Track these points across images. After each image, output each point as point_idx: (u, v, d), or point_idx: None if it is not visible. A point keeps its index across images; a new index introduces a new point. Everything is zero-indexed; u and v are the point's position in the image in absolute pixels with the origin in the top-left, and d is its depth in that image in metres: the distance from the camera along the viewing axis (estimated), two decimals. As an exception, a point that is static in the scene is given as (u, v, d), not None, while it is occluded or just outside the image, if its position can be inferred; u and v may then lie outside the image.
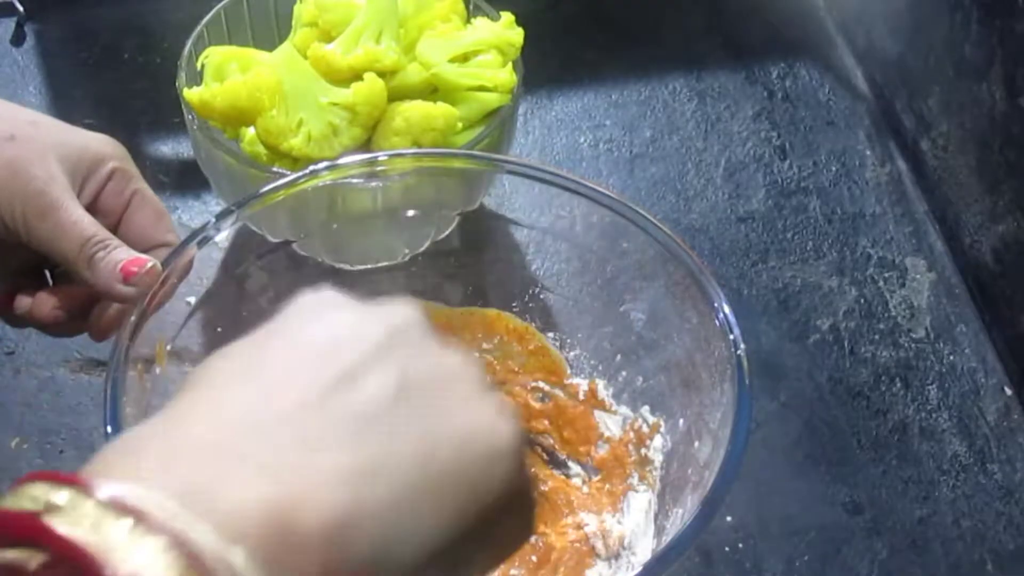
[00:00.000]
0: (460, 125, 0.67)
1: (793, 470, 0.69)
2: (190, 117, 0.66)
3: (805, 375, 0.73)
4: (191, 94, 0.65)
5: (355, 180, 0.62)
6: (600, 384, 0.66)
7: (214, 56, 0.67)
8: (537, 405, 0.66)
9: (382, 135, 0.66)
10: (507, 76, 0.68)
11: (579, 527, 0.62)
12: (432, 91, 0.68)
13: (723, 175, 0.83)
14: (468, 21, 0.71)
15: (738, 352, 0.54)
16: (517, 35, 0.69)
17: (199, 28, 0.69)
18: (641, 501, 0.62)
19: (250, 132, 0.67)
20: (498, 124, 0.68)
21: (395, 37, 0.67)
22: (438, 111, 0.65)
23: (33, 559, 0.26)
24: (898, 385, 0.73)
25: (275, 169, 0.65)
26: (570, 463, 0.65)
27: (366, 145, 0.67)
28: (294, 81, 0.65)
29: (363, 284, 0.66)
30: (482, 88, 0.68)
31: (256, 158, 0.66)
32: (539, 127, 0.85)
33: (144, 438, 0.30)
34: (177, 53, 0.69)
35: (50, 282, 0.56)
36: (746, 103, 0.88)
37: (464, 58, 0.68)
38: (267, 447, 0.30)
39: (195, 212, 0.77)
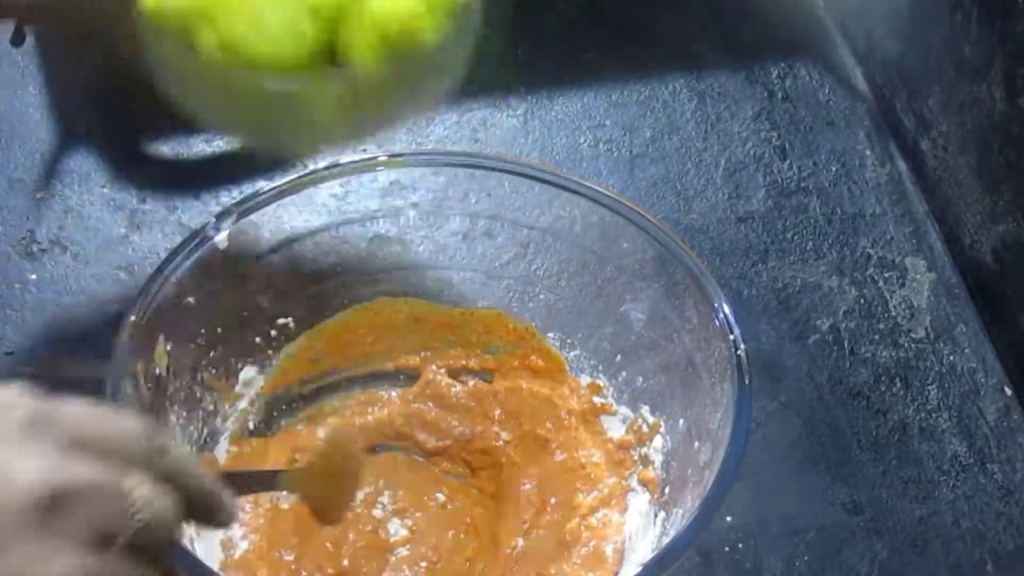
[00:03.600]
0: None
1: (793, 470, 0.69)
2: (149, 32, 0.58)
3: (805, 375, 0.73)
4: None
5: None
6: (601, 384, 0.66)
7: None
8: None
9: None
10: None
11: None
12: None
13: (723, 175, 0.83)
14: None
15: (738, 352, 0.54)
16: None
17: None
18: (641, 501, 0.62)
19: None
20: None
21: None
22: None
23: None
24: (898, 385, 0.73)
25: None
26: None
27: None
28: None
29: (363, 285, 0.66)
30: None
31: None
32: (539, 127, 0.85)
33: None
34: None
35: None
36: (746, 103, 0.88)
37: None
38: None
39: (195, 212, 0.77)
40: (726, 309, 0.56)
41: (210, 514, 0.42)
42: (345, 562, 0.60)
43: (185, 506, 0.40)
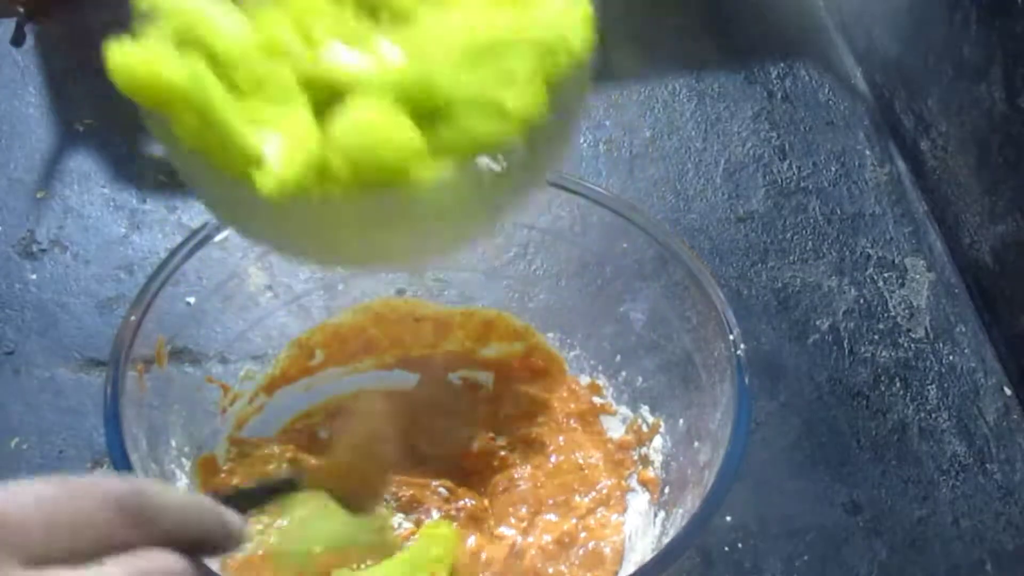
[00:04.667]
0: (422, 157, 0.42)
1: (793, 470, 0.69)
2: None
3: (805, 375, 0.73)
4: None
5: None
6: (601, 384, 0.66)
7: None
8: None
9: None
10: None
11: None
12: None
13: (723, 175, 0.83)
14: None
15: (738, 352, 0.54)
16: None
17: None
18: (641, 501, 0.62)
19: None
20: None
21: None
22: (390, 142, 0.42)
23: None
24: (898, 385, 0.73)
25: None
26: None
27: None
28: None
29: (363, 285, 0.66)
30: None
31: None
32: (539, 127, 0.85)
33: None
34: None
35: None
36: (746, 103, 0.88)
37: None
38: None
39: (195, 212, 0.77)
40: (726, 309, 0.56)
41: (221, 548, 0.40)
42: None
43: (193, 550, 0.37)
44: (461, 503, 0.63)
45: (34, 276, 0.74)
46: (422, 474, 0.65)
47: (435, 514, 0.63)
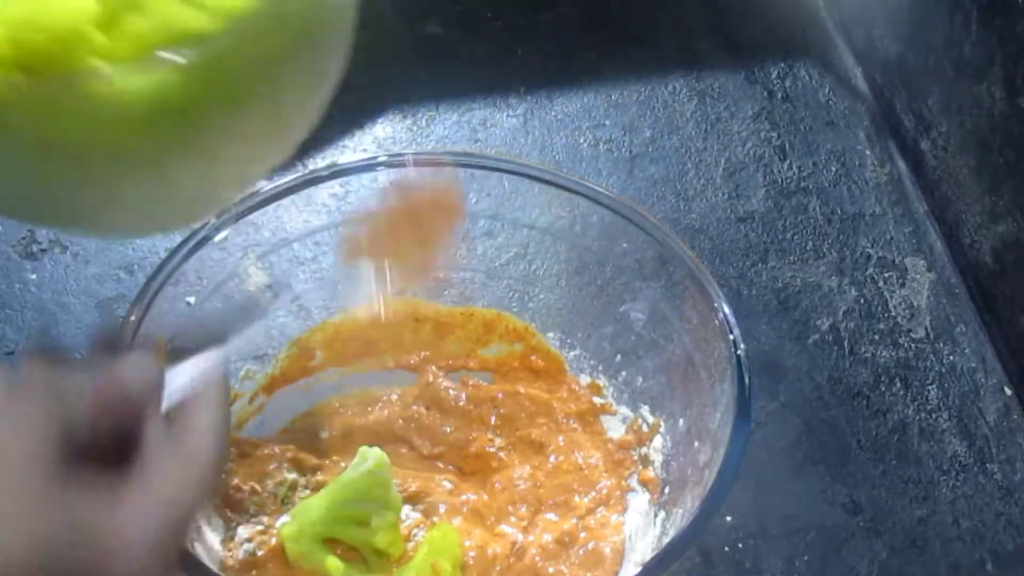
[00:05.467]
0: (99, 39, 0.39)
1: (793, 470, 0.69)
2: None
3: (805, 375, 0.73)
4: None
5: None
6: (601, 384, 0.66)
7: None
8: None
9: None
10: None
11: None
12: None
13: (723, 175, 0.83)
14: None
15: (738, 352, 0.54)
16: None
17: None
18: (641, 501, 0.62)
19: None
20: (194, 67, 0.39)
21: None
22: (55, 6, 0.38)
23: None
24: (898, 385, 0.73)
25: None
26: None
27: None
28: None
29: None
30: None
31: None
32: (539, 127, 0.85)
33: None
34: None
35: None
36: (746, 103, 0.88)
37: None
38: None
39: (195, 212, 0.77)
40: (726, 309, 0.56)
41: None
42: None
43: None
44: (465, 497, 0.63)
45: (34, 276, 0.74)
46: (427, 468, 0.65)
47: (441, 507, 0.63)
